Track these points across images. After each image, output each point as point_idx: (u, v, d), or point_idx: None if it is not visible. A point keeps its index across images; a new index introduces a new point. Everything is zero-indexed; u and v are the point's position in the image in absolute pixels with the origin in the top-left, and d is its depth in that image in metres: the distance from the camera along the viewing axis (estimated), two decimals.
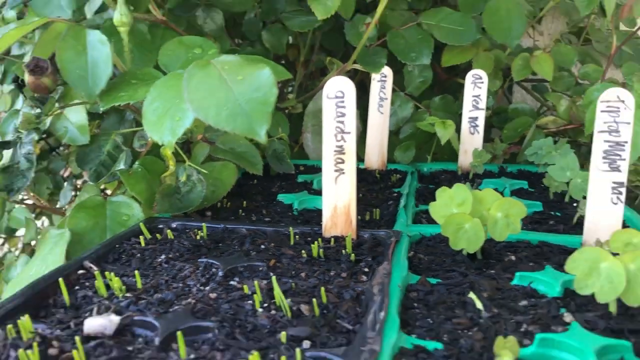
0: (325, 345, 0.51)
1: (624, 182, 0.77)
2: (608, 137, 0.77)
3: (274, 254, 0.72)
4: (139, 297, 0.58)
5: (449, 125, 1.16)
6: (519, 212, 0.70)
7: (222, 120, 0.67)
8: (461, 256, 0.73)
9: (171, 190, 0.84)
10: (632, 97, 0.76)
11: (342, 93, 0.76)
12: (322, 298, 0.59)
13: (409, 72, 1.25)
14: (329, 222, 0.78)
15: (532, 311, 0.58)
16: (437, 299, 0.61)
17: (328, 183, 0.78)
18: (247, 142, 0.99)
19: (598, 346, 0.49)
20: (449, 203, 0.71)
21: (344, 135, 0.77)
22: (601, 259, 0.56)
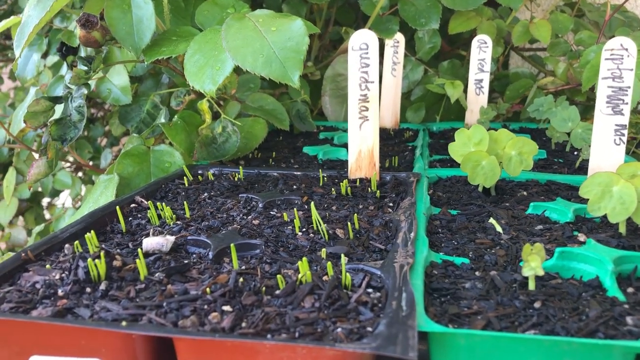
0: (362, 260, 0.51)
1: (626, 124, 0.75)
2: (611, 83, 0.75)
3: (306, 192, 0.71)
4: (188, 224, 0.58)
5: (458, 85, 1.14)
6: (531, 150, 0.69)
7: (259, 66, 0.66)
8: (477, 193, 0.72)
9: (209, 140, 0.84)
10: (634, 45, 0.75)
11: (366, 45, 0.75)
12: (355, 224, 0.59)
13: (419, 39, 1.23)
14: (354, 165, 0.78)
15: (547, 233, 0.58)
16: (459, 226, 0.61)
17: (353, 129, 0.77)
18: (274, 100, 0.98)
19: (615, 256, 0.49)
20: (467, 142, 0.70)
21: (368, 85, 0.75)
22: (613, 182, 0.55)
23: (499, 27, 1.28)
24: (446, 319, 0.42)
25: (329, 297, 0.42)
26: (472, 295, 0.45)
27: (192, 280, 0.45)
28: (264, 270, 0.47)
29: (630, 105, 0.75)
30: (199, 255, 0.51)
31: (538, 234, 0.58)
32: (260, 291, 0.43)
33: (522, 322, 0.41)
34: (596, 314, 0.42)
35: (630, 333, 0.39)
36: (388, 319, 0.38)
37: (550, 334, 0.40)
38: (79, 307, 0.41)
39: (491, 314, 0.42)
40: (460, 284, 0.47)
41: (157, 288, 0.43)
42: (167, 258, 0.49)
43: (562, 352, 0.38)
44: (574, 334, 0.39)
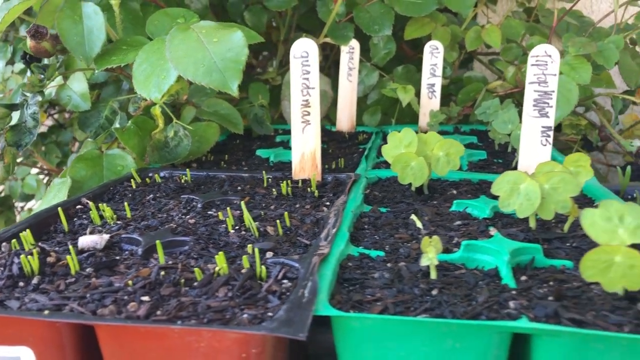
0: (286, 255, 0.55)
1: (551, 126, 0.80)
2: (537, 88, 0.80)
3: (249, 192, 0.75)
4: (128, 224, 0.62)
5: (409, 90, 1.19)
6: (458, 151, 0.74)
7: (199, 75, 0.70)
8: (410, 192, 0.77)
9: (161, 144, 0.87)
10: (557, 52, 0.80)
11: (306, 53, 0.79)
12: (286, 222, 0.63)
13: (374, 45, 1.27)
14: (297, 167, 0.82)
15: (463, 228, 0.62)
16: (384, 222, 0.65)
17: (296, 133, 0.81)
18: (229, 105, 1.02)
19: (512, 248, 0.53)
20: (398, 145, 0.74)
21: (309, 90, 0.80)
22: (521, 180, 0.60)
23: (453, 32, 1.33)
24: (348, 305, 0.46)
25: (242, 287, 0.46)
26: (378, 285, 0.49)
27: (118, 274, 0.49)
28: (189, 264, 0.51)
29: (554, 108, 0.80)
30: (131, 252, 0.55)
31: (455, 229, 0.62)
32: (179, 283, 0.46)
33: (417, 307, 0.45)
34: (483, 299, 0.46)
35: (509, 315, 0.44)
36: (288, 305, 0.42)
37: (438, 317, 0.44)
38: (10, 299, 0.44)
39: (390, 300, 0.46)
40: (370, 274, 0.51)
41: (85, 281, 0.47)
42: (100, 255, 0.52)
43: (444, 332, 0.42)
44: (459, 317, 0.44)
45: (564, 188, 0.58)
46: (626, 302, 0.46)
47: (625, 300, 0.47)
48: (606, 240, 0.45)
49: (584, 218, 0.46)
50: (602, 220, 0.45)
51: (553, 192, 0.59)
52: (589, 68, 1.04)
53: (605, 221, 0.45)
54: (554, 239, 0.59)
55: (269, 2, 1.29)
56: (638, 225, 0.45)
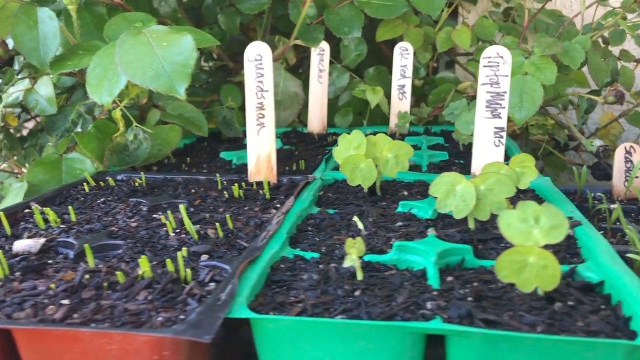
0: (221, 258, 0.55)
1: (504, 127, 0.81)
2: (490, 89, 0.80)
3: (201, 195, 0.76)
4: (70, 227, 0.62)
5: (378, 91, 1.19)
6: (407, 153, 0.74)
7: (147, 80, 0.70)
8: (363, 193, 0.77)
9: (120, 147, 0.88)
10: (509, 53, 0.80)
11: (260, 56, 0.80)
12: (229, 224, 0.63)
13: (345, 47, 1.28)
14: (253, 169, 0.82)
15: (403, 229, 0.63)
16: (328, 224, 0.66)
17: (251, 135, 0.82)
18: (194, 108, 1.03)
19: (440, 249, 0.54)
20: (348, 147, 0.75)
21: (264, 94, 0.80)
22: (457, 181, 0.60)
23: (426, 34, 1.34)
24: (270, 307, 0.46)
25: (164, 290, 0.46)
26: (304, 286, 0.50)
27: (45, 278, 0.49)
28: (119, 268, 0.52)
29: (507, 109, 0.81)
30: (65, 255, 0.55)
31: (395, 229, 0.63)
32: (102, 286, 0.47)
33: (336, 308, 0.46)
34: (402, 300, 0.46)
35: (423, 316, 0.44)
36: (202, 308, 0.42)
37: (355, 318, 0.44)
38: None
39: (311, 301, 0.47)
40: (299, 276, 0.52)
41: (9, 286, 0.47)
42: (33, 258, 0.53)
43: (357, 333, 0.42)
44: (374, 318, 0.44)
45: (499, 189, 0.59)
46: (544, 302, 0.47)
47: (544, 301, 0.47)
48: (521, 241, 0.45)
49: (500, 219, 0.46)
50: (518, 221, 0.46)
51: (489, 193, 0.59)
52: (554, 68, 1.05)
53: (521, 222, 0.46)
54: (490, 240, 0.59)
55: (241, 5, 1.29)
56: (552, 226, 0.45)
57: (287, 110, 1.29)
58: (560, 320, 0.44)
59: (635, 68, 1.42)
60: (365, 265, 0.55)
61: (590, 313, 0.45)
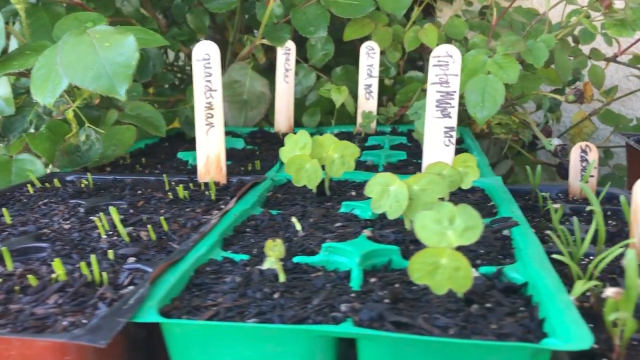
0: (148, 261, 0.55)
1: (454, 126, 0.80)
2: (440, 88, 0.80)
3: (146, 197, 0.75)
4: (3, 230, 0.62)
5: (343, 91, 1.19)
6: (353, 153, 0.74)
7: (87, 81, 0.70)
8: (312, 194, 0.77)
9: (72, 148, 0.87)
10: (459, 52, 0.79)
11: (208, 55, 0.79)
12: (164, 227, 0.63)
13: (312, 46, 1.27)
14: (203, 170, 0.82)
15: (340, 230, 0.62)
16: (267, 225, 0.65)
17: (200, 135, 0.81)
18: (152, 108, 1.02)
19: (366, 250, 0.53)
20: (294, 147, 0.74)
21: (212, 93, 0.80)
22: (390, 182, 0.60)
23: (395, 32, 1.33)
24: (184, 311, 0.46)
25: (76, 294, 0.46)
26: (224, 289, 0.49)
27: None
28: (39, 271, 0.51)
29: (456, 109, 0.80)
30: None
31: (332, 230, 0.62)
32: (13, 290, 0.46)
33: (251, 312, 0.45)
34: (317, 302, 0.46)
35: (334, 319, 0.43)
36: (107, 312, 0.42)
37: (268, 322, 0.44)
38: None
39: (227, 305, 0.46)
40: (223, 279, 0.51)
41: None
42: None
43: (264, 337, 0.42)
44: (286, 321, 0.43)
45: (432, 189, 0.58)
46: (462, 304, 0.46)
47: (462, 303, 0.47)
48: (435, 243, 0.45)
49: (416, 220, 0.46)
50: (433, 222, 0.45)
51: (422, 193, 0.59)
52: (516, 67, 1.04)
53: (435, 223, 0.45)
54: None
55: (209, 4, 1.28)
56: (467, 228, 0.45)
57: (254, 109, 1.28)
58: (475, 322, 0.44)
59: (607, 67, 1.42)
60: (294, 267, 0.54)
61: (506, 315, 0.45)
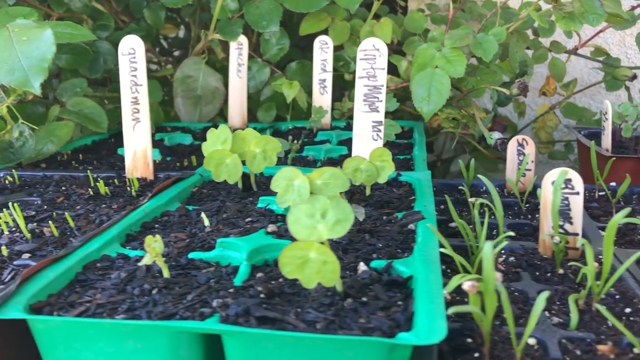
0: (44, 257, 0.54)
1: (381, 120, 0.80)
2: (367, 82, 0.79)
3: (68, 193, 0.74)
4: None
5: (295, 85, 1.18)
6: (275, 147, 0.73)
7: (1, 74, 0.69)
8: (237, 189, 0.76)
9: (5, 145, 0.86)
10: (385, 46, 0.79)
11: (133, 50, 0.78)
12: (70, 223, 0.62)
13: (266, 41, 1.27)
14: (130, 165, 0.81)
15: (248, 225, 0.62)
16: (177, 221, 0.65)
17: (127, 131, 0.80)
18: (94, 104, 1.01)
19: (256, 245, 0.53)
20: (215, 142, 0.74)
21: (138, 88, 0.79)
22: (295, 176, 0.59)
23: (353, 27, 1.32)
24: (56, 308, 0.45)
25: None
26: (106, 285, 0.49)
27: None
28: None
29: (384, 103, 0.80)
30: None
31: (240, 225, 0.62)
32: None
33: (123, 308, 0.45)
34: (191, 298, 0.46)
35: (201, 315, 0.43)
36: None
37: (136, 318, 0.43)
38: None
39: (100, 301, 0.46)
40: (109, 275, 0.51)
41: None
42: None
43: (125, 333, 0.42)
44: (152, 317, 0.43)
45: (334, 183, 0.58)
46: (337, 298, 0.46)
47: (338, 297, 0.46)
48: (305, 236, 0.44)
49: (289, 215, 0.45)
50: (306, 216, 0.45)
51: (324, 187, 0.58)
52: (463, 61, 1.03)
53: (308, 217, 0.45)
54: None
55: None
56: (337, 221, 0.44)
57: (208, 105, 1.27)
58: (345, 317, 0.43)
59: (568, 60, 1.41)
60: (187, 262, 0.54)
61: (379, 309, 0.44)
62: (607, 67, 1.33)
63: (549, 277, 0.57)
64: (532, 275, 0.57)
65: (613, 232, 0.48)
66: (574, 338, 0.45)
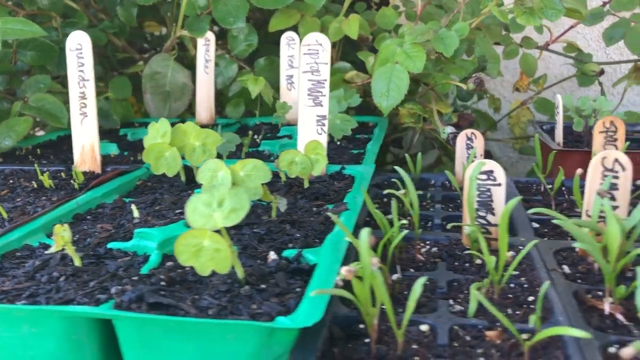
0: None
1: (325, 115, 0.81)
2: (311, 77, 0.80)
3: (14, 186, 0.76)
4: None
5: (260, 81, 1.19)
6: (214, 141, 0.74)
7: None
8: (180, 182, 0.78)
9: None
10: (328, 40, 0.80)
11: (80, 45, 0.80)
12: (2, 214, 0.64)
13: (234, 37, 1.28)
14: (79, 159, 0.83)
15: (176, 217, 0.63)
16: (109, 213, 0.66)
17: (75, 125, 0.82)
18: (55, 100, 1.03)
19: (169, 235, 0.54)
20: (156, 135, 0.75)
21: (85, 83, 0.80)
22: (219, 168, 0.60)
23: (324, 23, 1.33)
24: None
25: None
26: (17, 273, 0.50)
27: None
28: None
29: (327, 97, 0.80)
30: None
31: (169, 217, 0.63)
32: None
33: (25, 294, 0.46)
34: (93, 284, 0.47)
35: (97, 300, 0.44)
36: None
37: (36, 304, 0.45)
38: None
39: (4, 288, 0.47)
40: (25, 263, 0.52)
41: None
42: None
43: (19, 318, 0.43)
44: (51, 303, 0.44)
45: (256, 175, 0.59)
46: (236, 285, 0.47)
47: (237, 284, 0.47)
48: (201, 225, 0.45)
49: (188, 203, 0.46)
50: (204, 205, 0.46)
51: (247, 178, 0.59)
52: (423, 56, 1.04)
53: (205, 206, 0.46)
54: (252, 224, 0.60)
55: None
56: (233, 209, 0.45)
57: (178, 101, 1.29)
58: (238, 303, 0.44)
59: (540, 56, 1.41)
60: (105, 252, 0.55)
61: (275, 296, 0.45)
62: (578, 63, 1.33)
63: (467, 267, 0.57)
64: (449, 265, 0.58)
65: (506, 220, 0.48)
66: (466, 325, 0.46)
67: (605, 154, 0.57)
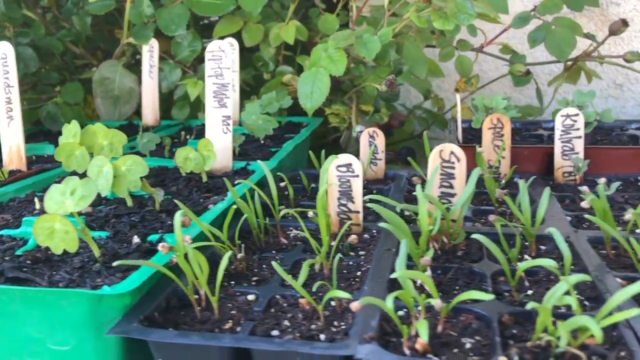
0: None
1: (230, 115, 0.88)
2: (215, 80, 0.88)
3: None
4: None
5: (199, 85, 1.26)
6: (120, 140, 0.81)
7: None
8: None
9: None
10: (230, 47, 0.87)
11: (5, 55, 0.87)
12: None
13: (177, 44, 1.35)
14: (7, 159, 0.90)
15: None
16: (17, 205, 0.73)
17: (2, 128, 0.89)
18: None
19: None
20: (68, 135, 0.82)
21: (10, 89, 0.88)
22: (104, 164, 0.68)
23: (268, 29, 1.40)
24: None
25: None
26: None
27: None
28: None
29: (232, 99, 0.88)
30: None
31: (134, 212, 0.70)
32: None
33: None
34: None
35: None
36: None
37: None
38: None
39: None
40: None
41: None
42: None
43: None
44: None
45: (135, 169, 0.66)
46: (92, 264, 0.54)
47: (92, 262, 0.54)
48: (55, 210, 0.53)
49: (47, 193, 0.53)
50: (58, 193, 0.53)
51: (128, 172, 0.67)
52: (344, 60, 1.11)
53: (60, 194, 0.53)
54: (132, 213, 0.67)
55: (90, 7, 1.37)
56: (82, 197, 0.52)
57: (126, 105, 1.36)
58: (87, 277, 0.51)
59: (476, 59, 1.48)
60: None
61: (122, 272, 0.52)
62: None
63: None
64: (306, 247, 0.64)
65: (321, 203, 0.55)
66: (287, 295, 0.53)
67: (442, 147, 0.64)
